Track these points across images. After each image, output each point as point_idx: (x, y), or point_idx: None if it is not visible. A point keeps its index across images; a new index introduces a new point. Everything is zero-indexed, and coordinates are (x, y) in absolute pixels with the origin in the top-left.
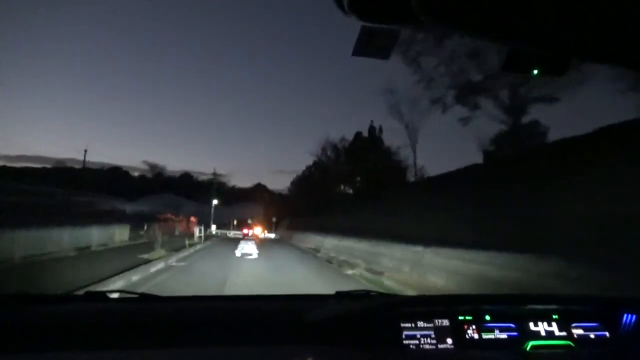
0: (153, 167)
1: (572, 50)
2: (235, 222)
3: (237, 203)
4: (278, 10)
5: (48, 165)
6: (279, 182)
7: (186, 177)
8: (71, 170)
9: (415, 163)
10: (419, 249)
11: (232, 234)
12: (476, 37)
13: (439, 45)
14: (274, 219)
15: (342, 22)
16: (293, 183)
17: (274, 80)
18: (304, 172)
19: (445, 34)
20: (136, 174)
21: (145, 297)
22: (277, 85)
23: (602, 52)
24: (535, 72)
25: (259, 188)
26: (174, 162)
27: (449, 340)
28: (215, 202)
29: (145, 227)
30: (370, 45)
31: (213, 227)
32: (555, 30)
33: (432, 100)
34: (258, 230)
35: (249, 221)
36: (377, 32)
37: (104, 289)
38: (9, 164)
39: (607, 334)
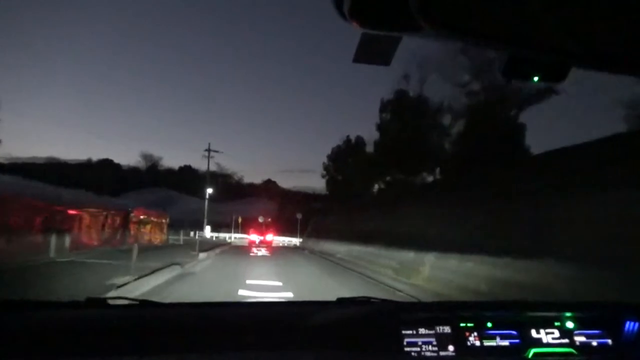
0: (147, 157)
1: (572, 56)
2: (239, 221)
3: (244, 198)
4: (286, 13)
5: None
6: (287, 183)
7: (186, 170)
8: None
9: None
10: None
11: (234, 238)
12: (476, 44)
13: None
14: (299, 216)
15: (348, 27)
16: (332, 158)
17: (277, 79)
18: (343, 142)
19: (446, 40)
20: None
21: (146, 303)
22: (280, 83)
23: (602, 57)
24: (536, 78)
25: (269, 184)
26: (176, 159)
27: (451, 347)
28: (209, 191)
29: None
30: (371, 52)
31: (207, 229)
32: (556, 36)
33: None
34: (271, 236)
35: (260, 219)
36: (377, 38)
37: None
38: None
39: (609, 341)
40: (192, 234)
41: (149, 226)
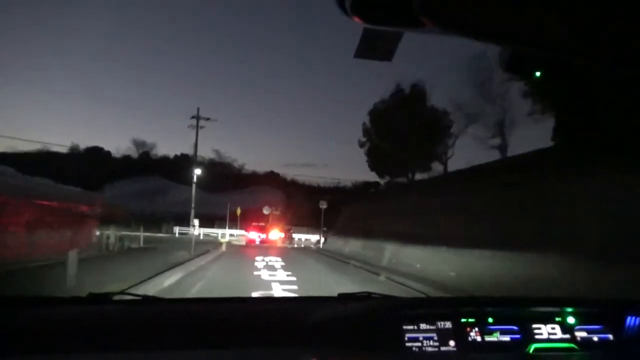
0: (139, 144)
1: (574, 52)
2: (238, 212)
3: (246, 188)
4: (289, 8)
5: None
6: (290, 177)
7: (183, 159)
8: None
9: None
10: None
11: (229, 236)
12: (478, 39)
13: None
14: (322, 205)
15: (352, 24)
16: (374, 117)
17: (276, 74)
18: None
19: (448, 35)
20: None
21: (148, 299)
22: (280, 77)
23: (604, 53)
24: (538, 74)
25: (273, 175)
26: (173, 147)
27: (452, 343)
28: (197, 172)
29: None
30: (372, 48)
31: (195, 224)
32: (558, 32)
33: None
34: (275, 234)
35: (265, 211)
36: (379, 34)
37: None
38: None
39: (610, 336)
40: (175, 229)
41: (23, 220)
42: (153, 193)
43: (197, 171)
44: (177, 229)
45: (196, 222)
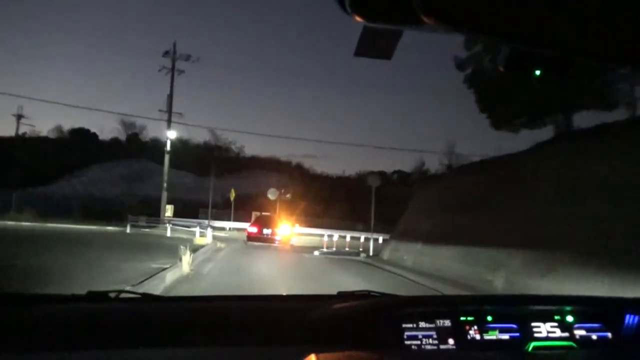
0: (128, 126)
1: (574, 49)
2: (232, 198)
3: (247, 171)
4: (289, 13)
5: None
6: None
7: (174, 141)
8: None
9: None
10: None
11: (211, 233)
12: (479, 37)
13: None
14: (374, 182)
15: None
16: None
17: (270, 67)
18: None
19: (448, 33)
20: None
21: (148, 297)
22: (275, 70)
23: (605, 51)
24: (538, 72)
25: (276, 161)
26: (165, 130)
27: (451, 341)
28: (172, 136)
29: None
30: (372, 46)
31: (168, 211)
32: (558, 29)
33: None
34: (286, 229)
35: (271, 195)
36: (379, 32)
37: None
38: None
39: (609, 335)
40: (141, 222)
41: None
42: (137, 176)
43: (172, 134)
44: (140, 222)
45: (169, 208)
